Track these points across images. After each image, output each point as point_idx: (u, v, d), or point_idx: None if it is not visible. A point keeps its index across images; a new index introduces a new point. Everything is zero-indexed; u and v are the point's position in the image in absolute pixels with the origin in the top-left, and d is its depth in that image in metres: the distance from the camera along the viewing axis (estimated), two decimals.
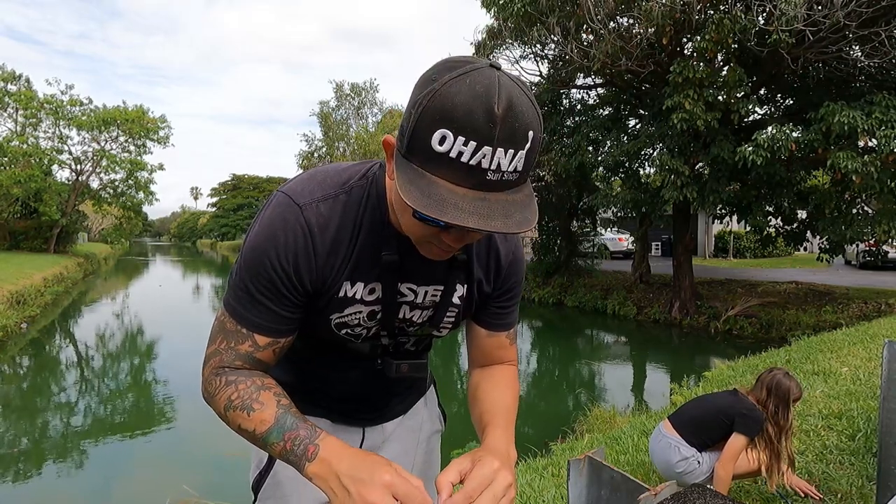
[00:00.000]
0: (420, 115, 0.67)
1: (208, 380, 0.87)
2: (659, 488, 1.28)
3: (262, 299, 0.84)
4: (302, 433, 0.79)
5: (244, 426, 0.82)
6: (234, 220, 62.50)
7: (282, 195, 0.86)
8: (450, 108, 0.65)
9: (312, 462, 0.76)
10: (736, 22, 8.61)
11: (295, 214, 0.83)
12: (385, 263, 0.87)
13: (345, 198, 0.86)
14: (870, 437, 3.10)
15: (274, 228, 0.83)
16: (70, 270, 22.60)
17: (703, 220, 23.05)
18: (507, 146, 0.66)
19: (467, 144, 0.65)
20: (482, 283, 0.97)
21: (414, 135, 0.67)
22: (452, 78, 0.66)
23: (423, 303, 0.94)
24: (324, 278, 0.86)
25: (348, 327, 0.92)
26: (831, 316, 10.46)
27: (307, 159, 27.01)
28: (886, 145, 8.07)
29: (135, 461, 5.59)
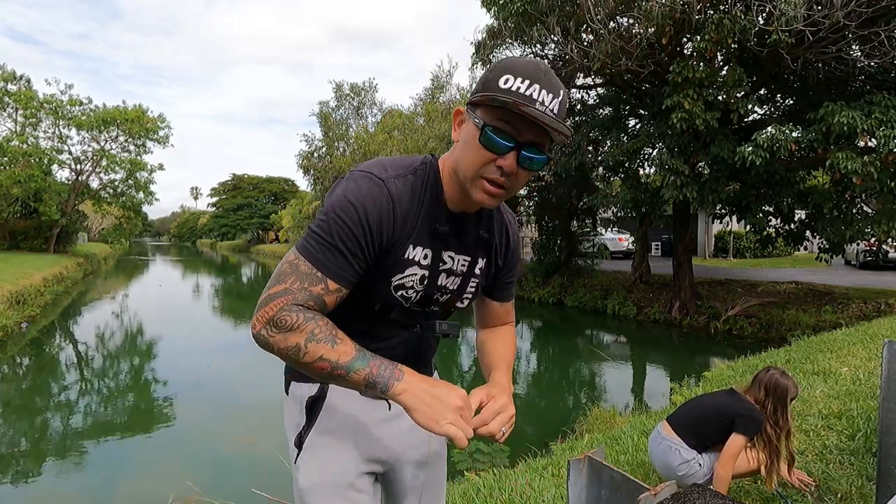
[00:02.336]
0: (491, 70, 0.97)
1: (279, 315, 0.95)
2: (659, 488, 1.28)
3: (343, 249, 0.98)
4: (385, 362, 0.95)
5: (326, 356, 0.94)
6: (234, 220, 62.50)
7: (361, 172, 1.03)
8: (512, 66, 0.96)
9: (401, 381, 0.93)
10: (736, 22, 8.60)
11: (379, 185, 1.00)
12: (439, 234, 1.08)
13: (412, 178, 1.06)
14: (870, 437, 3.10)
15: (363, 194, 0.99)
16: (70, 270, 22.59)
17: (703, 220, 23.05)
18: (548, 89, 0.95)
19: (524, 82, 0.94)
20: (497, 258, 1.21)
21: (486, 84, 0.96)
22: (512, 59, 0.98)
23: (456, 270, 1.14)
24: (396, 239, 1.03)
25: (404, 289, 1.08)
26: (831, 316, 10.46)
27: (307, 159, 26.97)
28: (886, 145, 8.06)
29: (138, 459, 5.59)
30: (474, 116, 0.97)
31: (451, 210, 1.08)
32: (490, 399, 1.01)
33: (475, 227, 1.13)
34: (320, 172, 26.38)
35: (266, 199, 65.17)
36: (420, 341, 1.18)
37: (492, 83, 0.95)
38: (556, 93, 0.95)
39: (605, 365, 9.65)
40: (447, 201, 1.08)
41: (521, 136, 0.95)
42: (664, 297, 13.11)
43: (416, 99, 24.37)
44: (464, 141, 1.01)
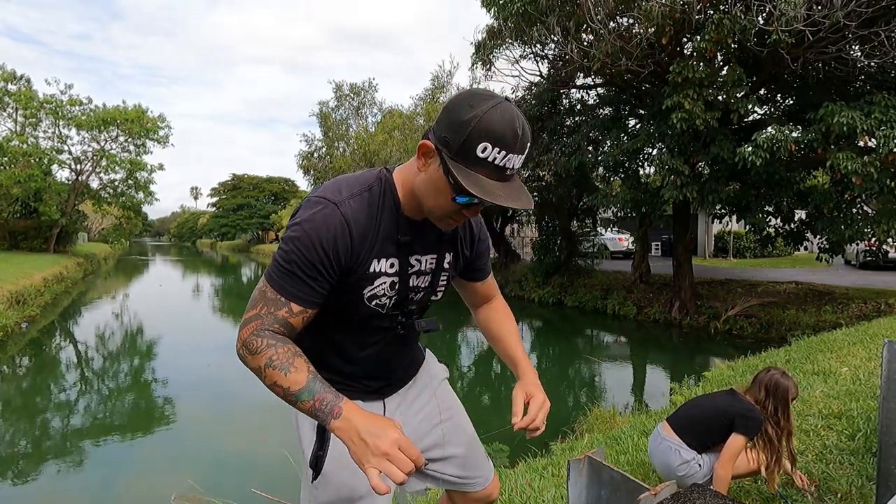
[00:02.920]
0: (469, 132, 0.98)
1: (249, 339, 1.08)
2: (659, 488, 1.28)
3: (302, 276, 1.07)
4: (329, 396, 1.01)
5: (280, 383, 1.03)
6: (234, 219, 62.48)
7: (316, 199, 1.10)
8: (490, 130, 0.97)
9: (338, 419, 0.98)
10: (736, 22, 8.60)
11: (333, 210, 1.07)
12: (401, 243, 1.15)
13: (367, 195, 1.12)
14: (870, 437, 3.10)
15: (316, 222, 1.06)
16: (70, 270, 22.60)
17: (703, 220, 23.04)
18: (519, 153, 1.01)
19: (500, 153, 0.98)
20: (463, 249, 1.31)
21: (463, 146, 0.98)
22: (489, 108, 0.98)
23: (424, 269, 1.22)
24: (357, 257, 1.10)
25: (377, 298, 1.17)
26: (831, 316, 10.46)
27: (307, 159, 26.97)
28: (886, 145, 8.06)
29: (139, 458, 5.60)
30: (451, 176, 1.01)
31: (410, 218, 1.16)
32: (531, 397, 1.22)
33: (434, 227, 1.18)
34: (320, 172, 26.37)
35: (266, 199, 65.18)
36: (404, 340, 1.31)
37: (471, 148, 0.98)
38: (525, 148, 1.02)
39: (605, 365, 9.65)
40: (406, 211, 1.15)
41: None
42: (664, 297, 13.12)
43: (417, 99, 24.38)
44: (434, 185, 1.05)
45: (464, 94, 1.03)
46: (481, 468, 1.49)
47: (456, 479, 1.45)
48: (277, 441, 5.84)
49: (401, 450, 0.94)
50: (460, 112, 0.99)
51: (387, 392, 1.36)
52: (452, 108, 1.01)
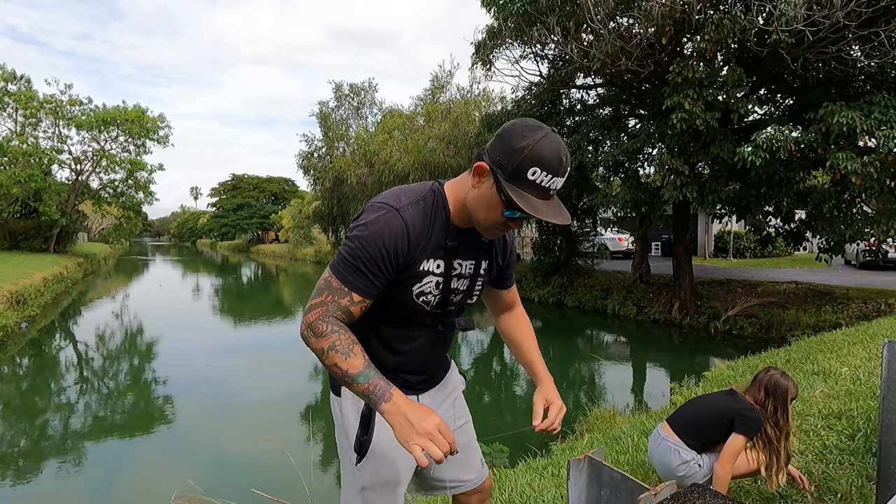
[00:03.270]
0: (522, 159, 1.15)
1: (315, 323, 1.21)
2: (659, 488, 1.28)
3: (364, 270, 1.22)
4: (381, 383, 1.15)
5: (340, 365, 1.17)
6: (233, 219, 62.44)
7: (379, 204, 1.27)
8: (540, 158, 1.15)
9: (388, 403, 1.13)
10: (736, 22, 8.60)
11: (395, 215, 1.24)
12: (449, 247, 1.32)
13: (423, 203, 1.29)
14: (870, 437, 3.10)
15: (381, 224, 1.22)
16: (70, 270, 22.60)
17: (703, 220, 23.04)
18: (562, 177, 1.19)
19: (547, 176, 1.16)
20: (497, 257, 1.48)
21: (516, 169, 1.15)
22: (540, 139, 1.15)
23: (465, 273, 1.39)
24: (411, 257, 1.26)
25: (424, 295, 1.32)
26: (831, 316, 10.46)
27: (307, 159, 26.98)
28: (886, 145, 8.06)
29: (139, 458, 5.60)
30: (503, 194, 1.18)
31: (457, 227, 1.32)
32: (550, 403, 1.44)
33: (477, 236, 1.35)
34: (320, 172, 26.39)
35: (266, 199, 65.17)
36: (443, 339, 1.47)
37: (522, 171, 1.16)
38: (566, 173, 1.20)
39: (605, 365, 9.65)
40: (454, 220, 1.32)
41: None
42: (664, 297, 13.11)
43: (417, 99, 24.38)
44: (486, 201, 1.23)
45: (517, 124, 1.19)
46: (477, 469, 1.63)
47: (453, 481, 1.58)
48: (277, 441, 5.84)
49: (441, 433, 1.09)
50: (514, 140, 1.17)
51: (421, 388, 1.50)
52: (507, 136, 1.18)
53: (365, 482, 1.39)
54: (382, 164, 20.55)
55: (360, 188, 22.56)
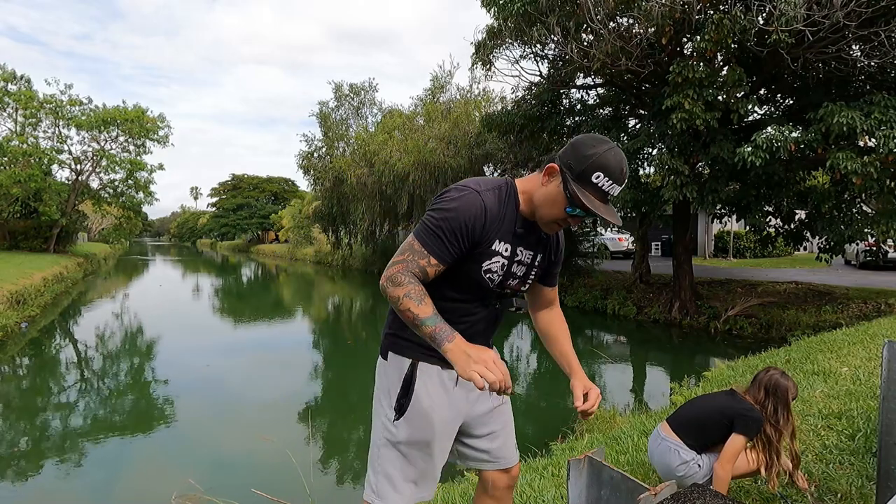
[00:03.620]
0: (589, 163, 1.36)
1: (395, 275, 1.38)
2: (659, 488, 1.28)
3: (444, 238, 1.40)
4: (446, 327, 1.32)
5: (412, 309, 1.33)
6: (233, 219, 62.43)
7: (463, 185, 1.46)
8: (605, 165, 1.37)
9: (451, 342, 1.29)
10: (736, 22, 8.60)
11: (476, 196, 1.43)
12: (517, 234, 1.51)
13: (498, 192, 1.48)
14: (870, 437, 3.10)
15: (463, 200, 1.41)
16: (70, 270, 22.60)
17: (703, 220, 23.04)
18: (620, 185, 1.39)
19: (608, 182, 1.38)
20: (550, 253, 1.66)
21: (584, 172, 1.37)
22: (606, 150, 1.38)
23: (524, 260, 1.56)
24: (485, 235, 1.44)
25: (490, 272, 1.49)
26: (831, 316, 10.46)
27: (307, 159, 26.96)
28: (886, 145, 8.06)
29: (139, 458, 5.60)
30: (569, 191, 1.38)
31: (524, 218, 1.51)
32: (588, 389, 1.56)
33: (539, 230, 1.55)
34: (320, 172, 26.37)
35: (266, 199, 65.15)
36: (495, 319, 1.62)
37: (588, 173, 1.36)
38: (623, 183, 1.40)
39: (605, 365, 9.65)
40: (522, 212, 1.51)
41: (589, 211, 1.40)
42: (664, 297, 13.11)
43: (417, 99, 24.36)
44: (552, 197, 1.43)
45: (589, 136, 1.41)
46: (511, 450, 1.77)
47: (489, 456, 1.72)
48: (278, 441, 5.83)
49: (495, 364, 1.24)
50: (584, 148, 1.38)
51: None
52: (578, 145, 1.39)
53: (401, 438, 1.54)
54: (382, 164, 20.54)
55: (360, 188, 22.55)
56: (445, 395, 1.57)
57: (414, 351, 1.55)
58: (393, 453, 1.55)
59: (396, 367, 1.57)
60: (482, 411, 1.68)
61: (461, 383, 1.61)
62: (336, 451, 5.90)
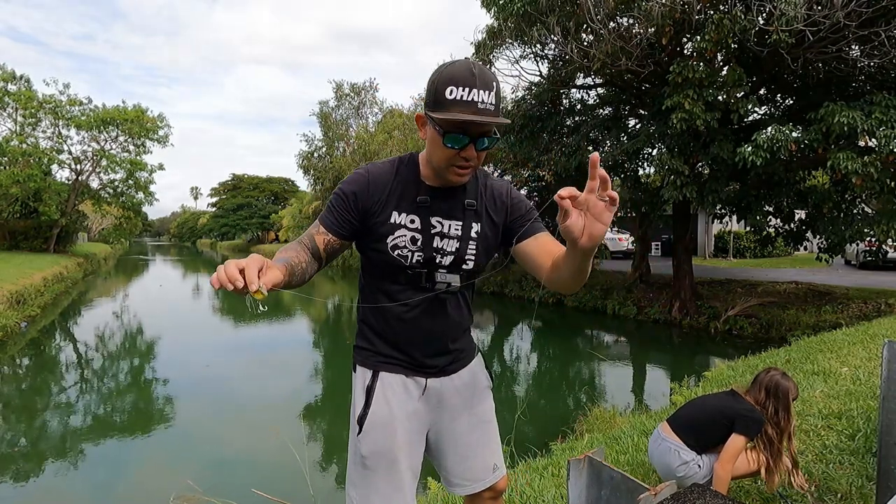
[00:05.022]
0: (436, 84, 1.24)
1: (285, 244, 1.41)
2: (659, 488, 1.28)
3: (332, 209, 1.40)
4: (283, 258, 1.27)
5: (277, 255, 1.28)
6: (233, 219, 62.41)
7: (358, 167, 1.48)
8: (451, 75, 1.22)
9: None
10: (736, 22, 8.60)
11: (360, 171, 1.43)
12: (419, 202, 1.39)
13: (393, 164, 1.44)
14: (870, 437, 3.10)
15: (351, 177, 1.43)
16: (70, 270, 22.59)
17: (703, 220, 23.04)
18: (483, 88, 1.21)
19: (464, 90, 1.20)
20: (491, 218, 1.46)
21: (435, 96, 1.24)
22: (448, 64, 1.25)
23: (450, 233, 1.41)
24: (377, 205, 1.38)
25: (398, 248, 1.39)
26: (831, 316, 10.46)
27: (307, 159, 26.97)
28: (886, 145, 8.06)
29: (138, 458, 5.59)
30: (434, 123, 1.26)
31: (430, 185, 1.40)
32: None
33: (461, 196, 1.42)
34: (320, 172, 26.38)
35: (266, 199, 65.13)
36: (440, 306, 1.46)
37: (441, 95, 1.22)
38: (490, 87, 1.22)
39: (605, 365, 9.65)
40: (425, 178, 1.40)
41: (472, 131, 1.24)
42: (664, 297, 13.11)
43: (417, 99, 24.36)
44: (431, 141, 1.31)
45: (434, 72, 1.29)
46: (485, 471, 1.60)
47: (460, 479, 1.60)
48: (277, 441, 5.84)
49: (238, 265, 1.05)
50: (430, 77, 1.27)
51: (429, 372, 1.51)
52: (427, 82, 1.28)
53: (365, 452, 1.46)
54: None
55: None
56: (409, 403, 1.48)
57: (375, 360, 1.49)
58: (361, 471, 1.46)
59: (361, 379, 1.50)
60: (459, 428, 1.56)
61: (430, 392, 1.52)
62: (336, 451, 5.90)
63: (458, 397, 1.55)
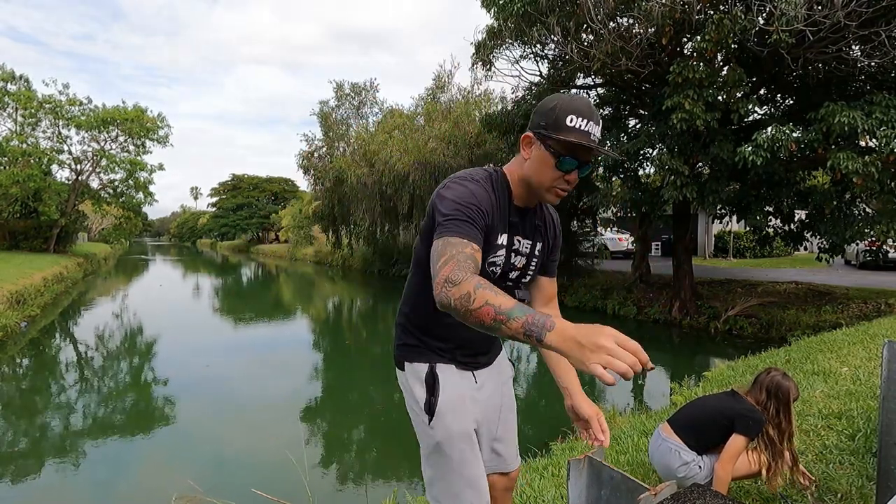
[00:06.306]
0: (557, 111, 1.33)
1: (451, 274, 1.17)
2: (659, 488, 1.28)
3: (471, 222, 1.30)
4: (539, 315, 1.04)
5: (491, 301, 1.07)
6: (233, 219, 62.41)
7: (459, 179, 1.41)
8: (574, 108, 1.33)
9: (552, 331, 1.00)
10: (736, 22, 8.60)
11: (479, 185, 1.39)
12: (511, 223, 1.47)
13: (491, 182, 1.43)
14: (870, 437, 3.10)
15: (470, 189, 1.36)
16: (70, 270, 22.59)
17: (703, 220, 23.04)
18: (596, 123, 1.34)
19: (583, 121, 1.32)
20: (548, 240, 1.61)
21: (556, 121, 1.33)
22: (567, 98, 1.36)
23: (521, 250, 1.52)
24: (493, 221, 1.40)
25: (493, 265, 1.45)
26: (831, 316, 10.46)
27: (307, 159, 26.95)
28: (887, 145, 8.06)
29: (139, 458, 5.59)
30: (552, 144, 1.35)
31: (517, 206, 1.48)
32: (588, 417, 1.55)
33: (533, 217, 1.53)
34: (320, 172, 26.36)
35: (266, 199, 65.12)
36: None
37: (561, 121, 1.32)
38: (599, 124, 1.35)
39: None
40: (515, 198, 1.47)
41: (582, 157, 1.37)
42: (664, 297, 13.11)
43: (417, 99, 24.37)
44: (540, 162, 1.38)
45: (547, 97, 1.39)
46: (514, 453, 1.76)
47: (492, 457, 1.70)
48: (277, 441, 5.84)
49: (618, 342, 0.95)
50: (547, 103, 1.36)
51: (476, 367, 1.62)
52: (541, 105, 1.38)
53: (439, 437, 1.49)
54: (382, 164, 20.54)
55: (360, 188, 22.54)
56: (468, 389, 1.57)
57: (427, 354, 1.54)
58: (438, 460, 1.50)
59: (414, 375, 1.55)
60: (492, 413, 1.67)
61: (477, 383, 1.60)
62: (336, 451, 5.90)
63: (493, 386, 1.67)
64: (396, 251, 26.45)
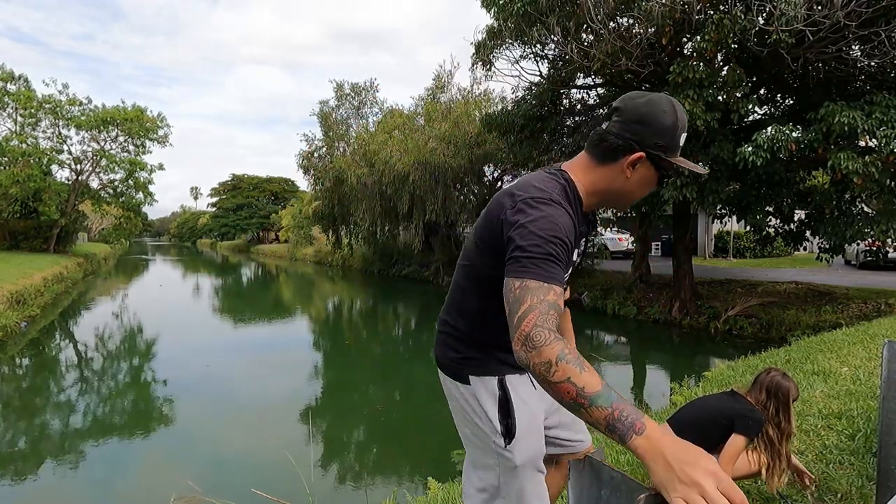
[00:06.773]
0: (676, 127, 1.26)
1: (534, 332, 1.02)
2: None
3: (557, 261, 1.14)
4: (629, 408, 0.91)
5: (574, 380, 0.95)
6: (233, 219, 62.42)
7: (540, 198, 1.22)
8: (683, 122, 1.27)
9: (640, 436, 0.88)
10: (736, 22, 8.59)
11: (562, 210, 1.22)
12: (580, 233, 1.36)
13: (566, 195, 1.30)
14: (870, 437, 3.10)
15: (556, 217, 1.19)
16: (70, 270, 22.59)
17: (703, 220, 23.04)
18: None
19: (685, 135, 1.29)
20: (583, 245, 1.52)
21: (674, 139, 1.26)
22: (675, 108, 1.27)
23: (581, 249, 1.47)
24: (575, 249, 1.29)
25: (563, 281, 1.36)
26: (831, 316, 10.46)
27: (307, 159, 26.94)
28: (887, 145, 8.05)
29: (139, 459, 5.59)
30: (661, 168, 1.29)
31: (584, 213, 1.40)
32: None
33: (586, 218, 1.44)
34: (320, 172, 26.35)
35: (266, 199, 65.14)
36: None
37: (678, 140, 1.27)
38: None
39: (606, 365, 9.64)
40: (584, 207, 1.38)
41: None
42: (664, 297, 13.11)
43: (417, 99, 24.36)
44: (644, 181, 1.33)
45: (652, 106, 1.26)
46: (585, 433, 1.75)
47: (568, 441, 1.70)
48: (277, 441, 5.84)
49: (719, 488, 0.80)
50: (664, 119, 1.25)
51: None
52: (653, 119, 1.25)
53: (519, 461, 1.44)
54: (383, 164, 20.54)
55: (360, 188, 22.53)
56: (536, 394, 1.51)
57: (496, 366, 1.45)
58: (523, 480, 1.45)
59: (484, 389, 1.44)
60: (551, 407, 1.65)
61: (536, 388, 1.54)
62: (336, 451, 5.90)
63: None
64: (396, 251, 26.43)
